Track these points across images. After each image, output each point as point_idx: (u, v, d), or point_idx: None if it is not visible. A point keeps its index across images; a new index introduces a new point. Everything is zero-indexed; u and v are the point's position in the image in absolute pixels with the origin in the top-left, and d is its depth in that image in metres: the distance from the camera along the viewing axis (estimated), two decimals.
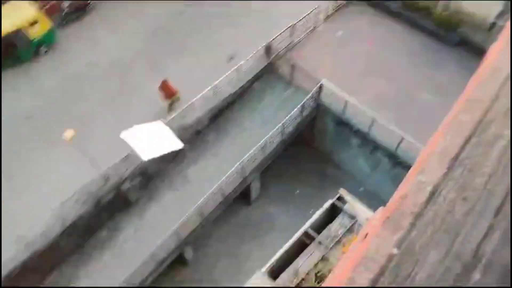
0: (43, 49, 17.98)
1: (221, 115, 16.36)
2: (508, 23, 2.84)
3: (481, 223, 0.94)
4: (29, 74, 17.83)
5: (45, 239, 12.74)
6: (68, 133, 11.72)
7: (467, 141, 1.64)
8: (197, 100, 15.00)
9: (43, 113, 16.62)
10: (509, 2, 17.03)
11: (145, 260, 12.82)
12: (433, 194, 1.60)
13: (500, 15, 17.30)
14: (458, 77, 16.17)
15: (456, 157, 1.58)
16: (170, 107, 16.35)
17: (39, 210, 13.02)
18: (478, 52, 16.86)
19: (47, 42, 17.97)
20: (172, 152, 15.26)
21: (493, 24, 17.34)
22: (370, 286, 1.69)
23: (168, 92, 16.20)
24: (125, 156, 13.78)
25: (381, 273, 1.58)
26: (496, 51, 2.90)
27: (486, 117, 1.62)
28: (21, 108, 16.67)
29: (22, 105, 16.78)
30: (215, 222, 16.27)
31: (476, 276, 0.76)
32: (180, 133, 15.08)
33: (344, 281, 1.80)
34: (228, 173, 14.12)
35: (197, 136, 15.88)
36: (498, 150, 1.19)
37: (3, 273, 12.13)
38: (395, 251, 1.48)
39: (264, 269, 10.75)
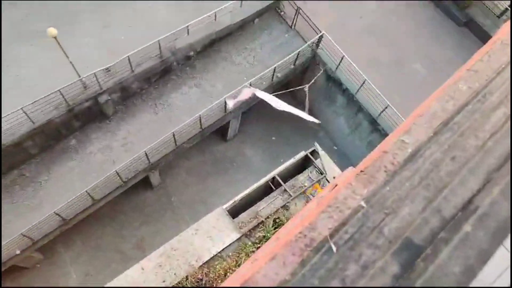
0: None
1: (214, 45, 15.76)
2: None
3: (473, 180, 0.89)
4: None
5: (10, 137, 12.45)
6: (51, 31, 11.02)
7: (461, 108, 1.56)
8: (192, 24, 14.27)
9: (28, 8, 15.50)
10: None
11: (109, 176, 12.85)
12: (413, 155, 1.55)
13: None
14: (455, 56, 16.08)
15: (446, 123, 1.51)
16: None
17: (11, 105, 12.59)
18: (482, 36, 16.67)
19: None
20: (157, 73, 14.83)
21: (505, 11, 16.96)
22: (331, 234, 1.69)
23: None
24: (107, 67, 13.25)
25: (345, 222, 1.57)
26: (508, 28, 2.78)
27: (486, 88, 1.53)
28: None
29: None
30: (188, 152, 16.35)
31: (467, 228, 0.72)
32: (168, 55, 14.55)
33: (305, 225, 1.78)
34: (211, 106, 13.93)
35: (185, 61, 15.36)
36: (498, 116, 1.12)
37: None
38: (363, 203, 1.44)
39: (225, 206, 11.03)
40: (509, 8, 16.72)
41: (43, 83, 13.66)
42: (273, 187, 11.87)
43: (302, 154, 12.30)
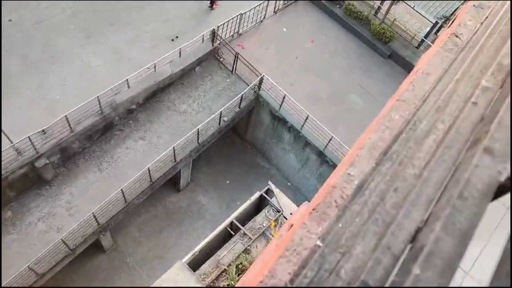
0: None
1: (156, 95, 15.69)
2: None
3: (415, 214, 0.90)
4: None
5: None
6: None
7: (396, 137, 1.63)
8: (133, 77, 14.19)
9: None
10: (435, 25, 18.55)
11: (54, 245, 11.86)
12: (360, 187, 1.57)
13: (428, 34, 18.82)
14: (385, 86, 17.36)
15: (385, 152, 1.57)
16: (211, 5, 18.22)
17: None
18: (405, 65, 18.26)
19: None
20: (98, 130, 14.36)
21: (422, 42, 18.80)
22: (291, 279, 1.64)
23: None
24: (42, 130, 12.59)
25: (304, 265, 1.53)
26: (426, 59, 3.06)
27: (415, 116, 1.63)
28: None
29: None
30: (139, 208, 15.66)
31: (416, 271, 0.71)
32: (109, 111, 14.22)
33: (265, 273, 1.72)
34: (158, 157, 13.62)
35: (128, 115, 15.06)
36: (429, 144, 1.17)
37: None
38: (319, 243, 1.41)
39: (185, 259, 10.55)
40: (425, 40, 18.57)
41: None
42: (232, 232, 11.60)
43: (257, 194, 12.26)
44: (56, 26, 16.39)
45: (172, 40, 16.87)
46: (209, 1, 18.29)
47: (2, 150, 11.80)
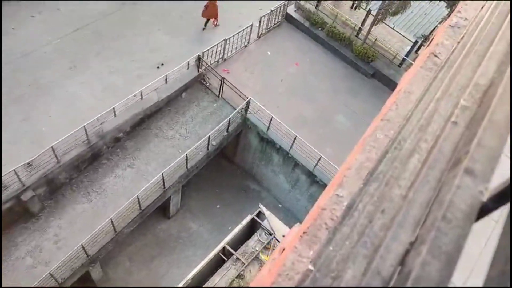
0: None
1: (143, 123, 15.65)
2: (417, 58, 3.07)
3: (403, 235, 0.90)
4: None
5: None
6: None
7: (382, 156, 1.65)
8: (119, 105, 14.17)
9: None
10: (415, 44, 19.14)
11: (41, 280, 11.46)
12: (349, 208, 1.57)
13: (409, 53, 19.38)
14: (370, 105, 17.65)
15: (372, 172, 1.58)
16: (205, 25, 18.89)
17: None
18: (388, 83, 18.66)
19: None
20: (86, 160, 14.19)
21: (403, 60, 19.31)
22: None
23: (211, 12, 18.35)
24: (28, 162, 12.39)
25: None
26: (408, 78, 3.14)
27: (400, 135, 1.65)
28: None
29: None
30: (129, 237, 15.32)
31: None
32: (96, 140, 14.10)
33: None
34: (147, 185, 13.46)
35: (115, 144, 14.95)
36: (414, 164, 1.19)
37: None
38: (311, 267, 1.40)
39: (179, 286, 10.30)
40: (406, 58, 19.09)
41: None
42: (224, 257, 11.41)
43: (248, 218, 12.16)
44: (42, 58, 16.41)
45: (158, 67, 17.00)
46: (204, 22, 18.80)
47: None
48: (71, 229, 13.16)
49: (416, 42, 19.07)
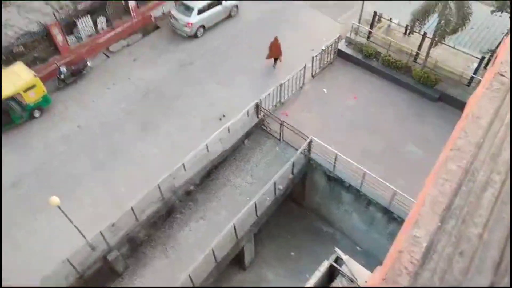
0: (36, 112, 18.12)
1: (211, 174, 16.21)
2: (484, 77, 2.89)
3: (481, 281, 0.82)
4: (20, 138, 17.70)
5: None
6: (53, 200, 11.38)
7: (456, 190, 1.55)
8: (188, 159, 14.91)
9: (30, 179, 16.27)
10: (483, 59, 17.98)
11: None
12: (428, 250, 1.47)
13: (477, 70, 18.19)
14: (440, 129, 16.59)
15: (447, 208, 1.48)
16: (275, 63, 20.10)
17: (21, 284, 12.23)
18: (458, 105, 17.48)
19: (41, 106, 18.16)
20: (162, 216, 14.87)
21: (471, 79, 18.16)
22: None
23: (276, 51, 19.37)
24: (112, 223, 13.30)
25: None
26: (474, 101, 2.94)
27: (473, 165, 1.54)
28: (8, 175, 16.29)
29: (9, 172, 16.41)
30: None
31: None
32: (170, 195, 14.81)
33: None
34: (219, 236, 13.62)
35: (187, 197, 15.57)
36: (488, 199, 1.10)
37: None
38: None
39: None
40: (475, 76, 17.93)
41: (50, 253, 13.45)
42: None
43: (325, 264, 11.63)
44: (116, 125, 18.12)
45: (220, 119, 17.81)
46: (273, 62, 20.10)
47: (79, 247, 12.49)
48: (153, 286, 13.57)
49: (483, 57, 17.94)
